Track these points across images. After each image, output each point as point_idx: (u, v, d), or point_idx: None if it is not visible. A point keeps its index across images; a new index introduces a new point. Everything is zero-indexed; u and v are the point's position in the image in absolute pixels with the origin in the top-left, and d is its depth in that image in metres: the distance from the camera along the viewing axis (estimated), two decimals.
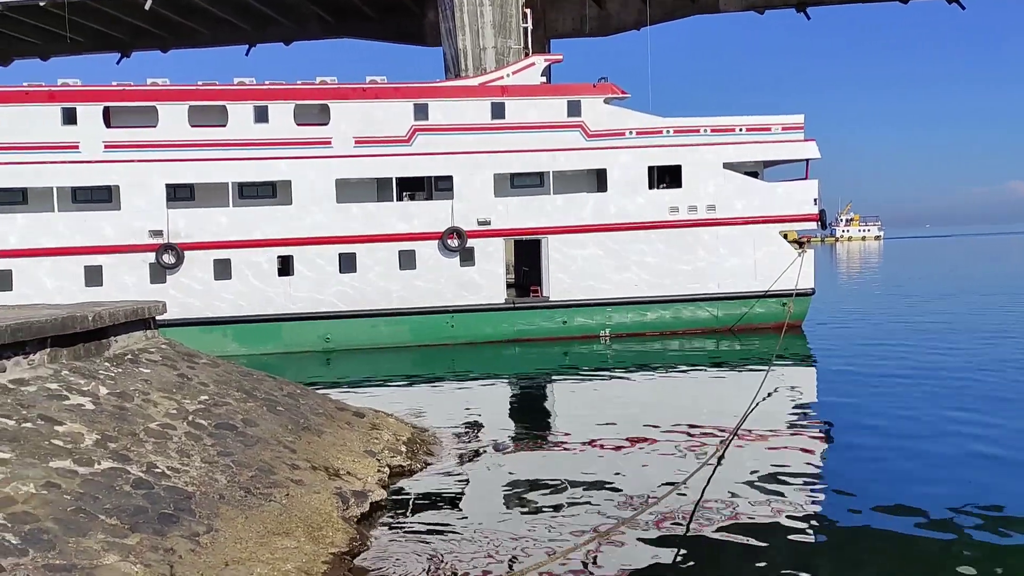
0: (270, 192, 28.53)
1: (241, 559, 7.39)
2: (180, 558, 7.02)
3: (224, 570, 7.10)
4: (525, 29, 35.82)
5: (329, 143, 27.82)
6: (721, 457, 9.45)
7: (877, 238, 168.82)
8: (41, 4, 42.96)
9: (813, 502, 10.76)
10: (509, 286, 29.78)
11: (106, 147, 26.69)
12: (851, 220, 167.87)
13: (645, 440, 14.18)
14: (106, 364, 10.67)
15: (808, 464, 12.58)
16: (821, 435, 14.67)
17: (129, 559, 6.69)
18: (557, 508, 10.63)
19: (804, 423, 15.49)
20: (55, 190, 26.43)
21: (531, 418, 17.86)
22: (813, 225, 30.73)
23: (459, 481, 12.01)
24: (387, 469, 11.75)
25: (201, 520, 7.78)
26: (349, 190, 28.11)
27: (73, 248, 26.29)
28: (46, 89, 26.77)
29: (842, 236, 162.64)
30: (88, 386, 9.66)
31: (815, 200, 29.99)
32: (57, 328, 9.79)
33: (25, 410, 8.38)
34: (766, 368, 19.76)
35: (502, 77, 29.29)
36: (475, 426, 15.90)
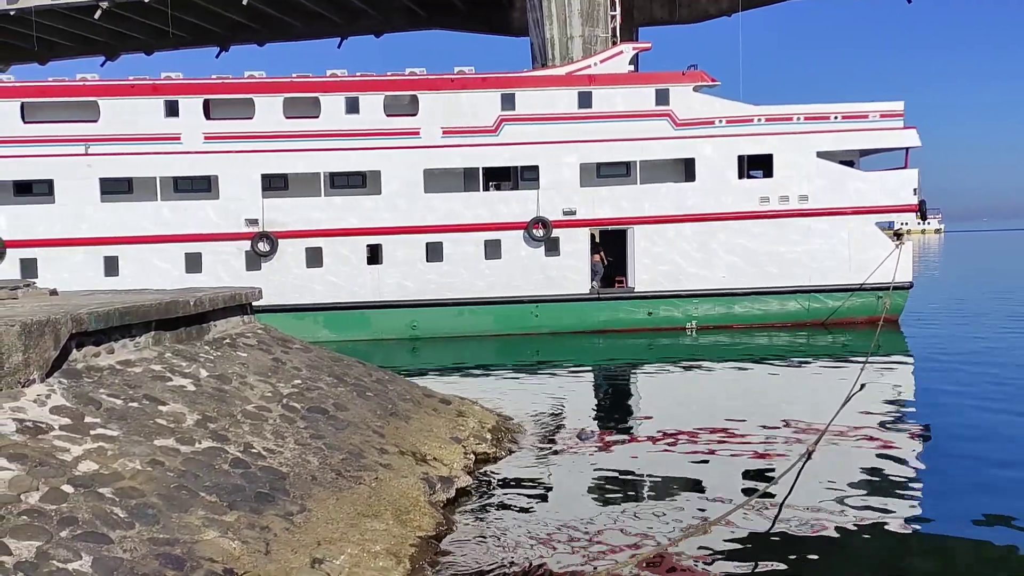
0: (360, 182, 29.14)
1: (333, 539, 7.59)
2: (275, 536, 7.26)
3: (317, 549, 7.31)
4: (613, 17, 35.47)
5: (417, 133, 28.20)
6: (810, 454, 9.18)
7: (937, 231, 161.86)
8: (146, 1, 44.84)
9: (905, 506, 10.33)
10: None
11: (206, 138, 27.73)
12: None
13: (732, 435, 13.91)
14: (206, 347, 11.10)
15: (902, 466, 12.09)
16: (917, 436, 14.09)
17: (228, 535, 6.95)
18: (641, 503, 10.54)
19: (899, 423, 14.90)
20: (158, 180, 27.62)
21: (615, 410, 17.75)
22: (912, 216, 29.61)
23: (543, 470, 12.03)
24: (472, 456, 11.87)
25: (295, 500, 8.02)
26: (436, 180, 28.46)
27: (175, 236, 27.47)
28: (150, 83, 27.97)
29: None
30: (189, 368, 10.07)
31: (915, 190, 28.84)
32: (161, 312, 10.24)
33: (132, 390, 8.80)
34: (861, 364, 19.09)
35: (589, 66, 29.09)
36: (559, 416, 15.91)
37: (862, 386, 9.26)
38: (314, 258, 27.97)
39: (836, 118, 28.69)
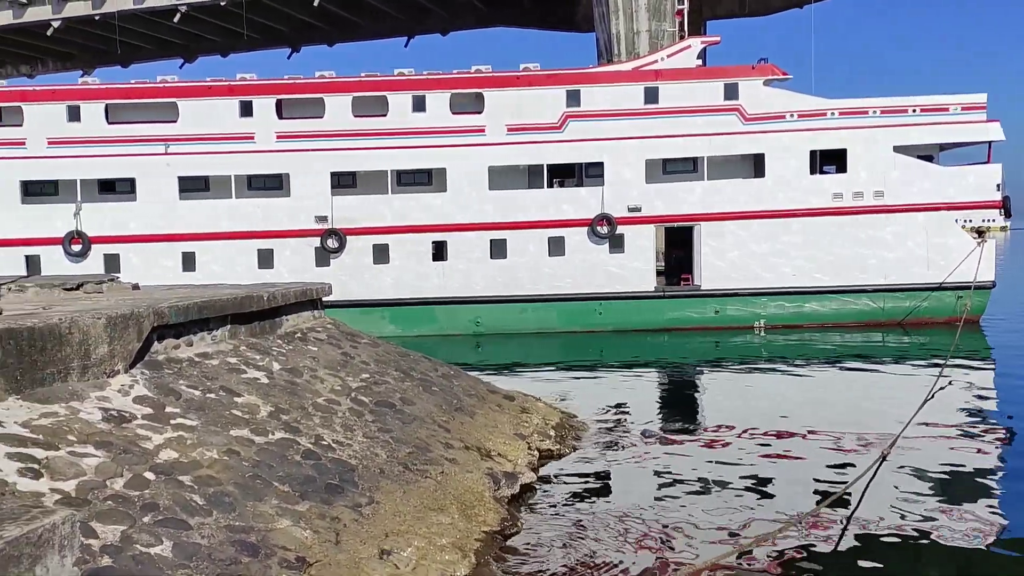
0: (426, 179, 29.47)
1: (400, 531, 7.72)
2: (345, 527, 7.42)
3: (384, 540, 7.44)
4: (680, 11, 35.03)
5: (483, 131, 28.36)
6: (885, 458, 8.94)
7: (1003, 228, 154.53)
8: (222, 4, 46.16)
9: (984, 514, 9.97)
10: (659, 274, 29.39)
11: (278, 137, 28.41)
12: None
13: (802, 438, 13.63)
14: (278, 341, 11.39)
15: (981, 472, 11.68)
16: (998, 441, 13.58)
17: (300, 525, 7.14)
18: (707, 505, 10.40)
19: (979, 427, 14.38)
20: (232, 178, 28.41)
21: (680, 409, 17.58)
22: (995, 212, 28.51)
23: (607, 468, 12.00)
24: (536, 452, 11.90)
25: (363, 492, 8.18)
26: (501, 177, 28.58)
27: (248, 232, 28.22)
28: (226, 83, 28.78)
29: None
30: (263, 361, 10.35)
31: (998, 185, 27.76)
32: (236, 307, 10.54)
33: (209, 382, 9.09)
34: (940, 365, 18.48)
35: (656, 61, 28.82)
36: (623, 414, 15.83)
37: (942, 388, 8.99)
38: (381, 254, 28.40)
39: (914, 111, 27.81)
